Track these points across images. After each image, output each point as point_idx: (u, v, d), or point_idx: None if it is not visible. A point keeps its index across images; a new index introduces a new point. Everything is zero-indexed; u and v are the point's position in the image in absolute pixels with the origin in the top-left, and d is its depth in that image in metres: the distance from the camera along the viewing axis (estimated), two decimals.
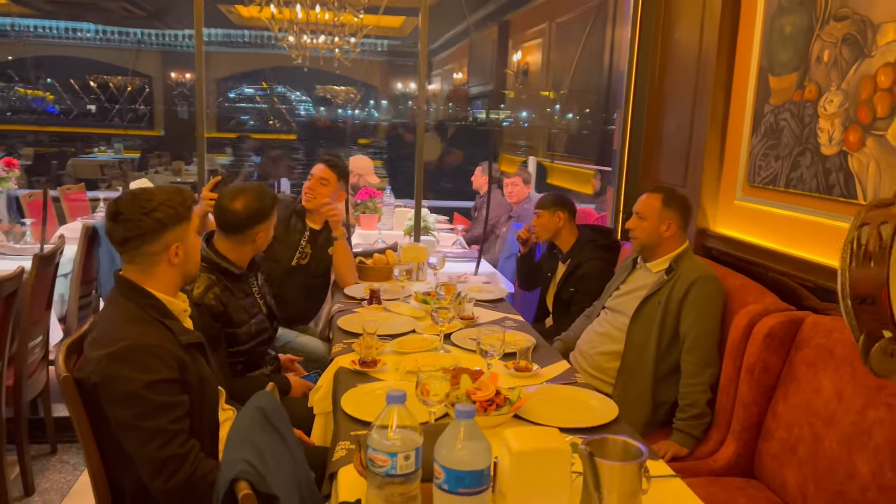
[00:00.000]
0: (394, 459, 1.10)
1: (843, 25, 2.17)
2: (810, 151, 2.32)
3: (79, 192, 5.66)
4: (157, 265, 1.67)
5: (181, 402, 1.55)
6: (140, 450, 1.49)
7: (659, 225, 2.50)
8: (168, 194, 1.69)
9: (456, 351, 2.30)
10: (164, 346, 1.56)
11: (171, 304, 1.69)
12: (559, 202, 3.25)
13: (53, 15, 10.27)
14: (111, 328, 1.57)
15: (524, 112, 7.63)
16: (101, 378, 1.49)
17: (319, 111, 12.70)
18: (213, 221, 2.40)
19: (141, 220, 1.62)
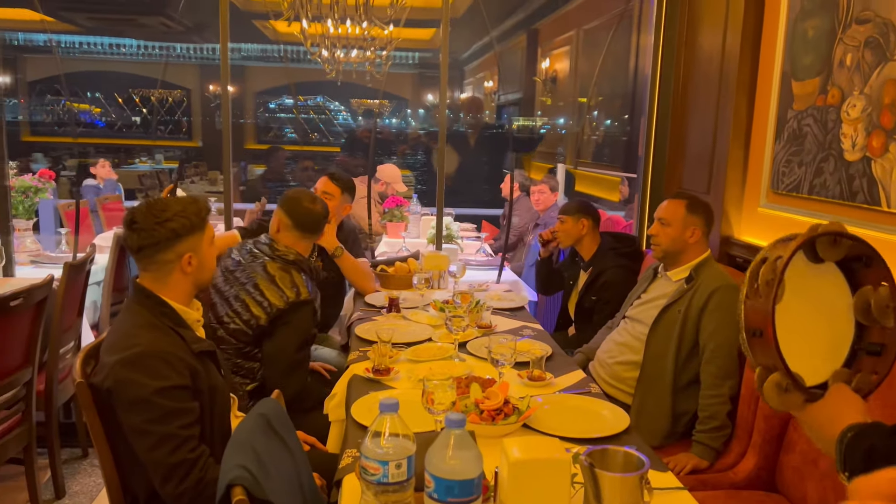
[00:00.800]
0: (385, 468, 1.11)
1: (865, 29, 2.12)
2: (833, 157, 2.27)
3: (115, 201, 5.82)
4: (170, 274, 1.71)
5: (191, 408, 1.58)
6: (150, 454, 1.53)
7: (683, 231, 2.46)
8: (183, 205, 1.73)
9: (470, 360, 2.30)
10: (176, 353, 1.60)
11: (185, 313, 1.73)
12: (583, 209, 3.24)
13: (97, 32, 10.62)
14: (125, 334, 1.62)
15: (557, 119, 7.60)
16: (114, 383, 1.53)
17: (358, 121, 12.85)
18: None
19: (155, 230, 1.66)
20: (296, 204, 2.51)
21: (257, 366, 2.42)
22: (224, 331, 2.38)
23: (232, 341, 2.38)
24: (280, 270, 2.41)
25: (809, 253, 1.22)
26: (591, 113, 5.94)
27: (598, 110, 5.92)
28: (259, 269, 2.42)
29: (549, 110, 7.60)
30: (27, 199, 3.86)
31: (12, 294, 2.37)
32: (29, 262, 3.71)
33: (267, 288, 2.37)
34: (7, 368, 2.45)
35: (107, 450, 1.61)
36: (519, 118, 8.27)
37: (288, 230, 2.51)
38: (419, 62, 11.23)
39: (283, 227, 2.51)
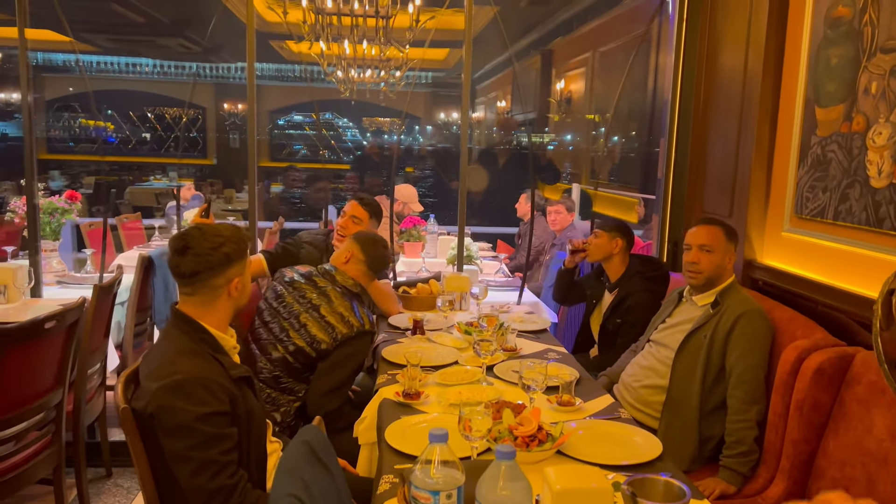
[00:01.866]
0: (436, 498, 1.13)
1: (890, 58, 2.15)
2: (859, 184, 2.29)
3: (135, 220, 5.89)
4: (217, 298, 1.75)
5: (231, 434, 1.61)
6: (191, 480, 1.55)
7: (724, 257, 2.49)
8: (231, 231, 1.80)
9: (498, 383, 2.31)
10: (216, 379, 1.62)
11: (223, 340, 1.76)
12: (621, 229, 3.25)
13: (114, 52, 10.79)
14: (166, 360, 1.64)
15: (568, 137, 7.65)
16: (156, 409, 1.56)
17: (367, 138, 12.95)
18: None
19: (210, 255, 1.72)
20: (373, 245, 2.71)
21: (305, 387, 2.50)
22: (284, 350, 2.46)
23: (289, 360, 2.46)
24: (343, 299, 2.53)
25: None
26: (609, 133, 5.99)
27: (614, 131, 5.96)
28: (322, 296, 2.54)
29: (563, 130, 7.66)
30: (54, 220, 3.92)
31: (46, 317, 2.41)
32: (55, 283, 3.76)
33: (330, 314, 2.48)
34: (40, 390, 2.48)
35: (149, 474, 1.63)
36: (542, 136, 8.32)
37: (358, 264, 2.67)
38: (433, 81, 11.34)
39: (354, 261, 2.67)
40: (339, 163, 12.58)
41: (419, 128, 12.96)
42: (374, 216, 3.16)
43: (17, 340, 2.30)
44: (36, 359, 2.43)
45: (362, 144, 12.96)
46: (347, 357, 2.45)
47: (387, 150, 12.39)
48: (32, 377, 2.44)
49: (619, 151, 5.83)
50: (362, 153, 12.51)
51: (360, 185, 9.68)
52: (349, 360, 2.45)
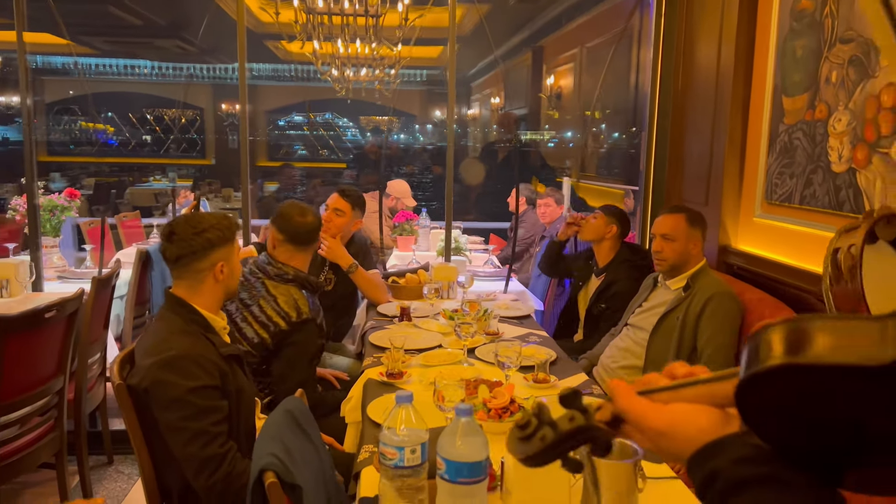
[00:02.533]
0: (402, 453, 1.23)
1: (848, 48, 2.25)
2: (822, 169, 2.39)
3: (134, 219, 6.00)
4: (203, 282, 1.86)
5: (221, 406, 1.72)
6: (184, 449, 1.66)
7: (687, 244, 2.59)
8: (217, 218, 1.91)
9: (479, 364, 2.42)
10: (207, 356, 1.74)
11: (213, 321, 1.87)
12: (619, 217, 3.31)
13: (112, 54, 10.90)
14: (160, 339, 1.76)
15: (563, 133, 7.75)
16: (151, 383, 1.67)
17: (367, 137, 13.04)
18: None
19: (192, 240, 1.83)
20: (287, 219, 2.54)
21: (270, 379, 2.49)
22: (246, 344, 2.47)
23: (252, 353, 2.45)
24: (280, 289, 2.47)
25: (869, 235, 1.36)
26: (594, 127, 6.09)
27: (600, 125, 6.06)
28: (261, 288, 2.49)
29: (554, 125, 7.76)
30: (54, 218, 4.03)
31: (46, 306, 2.52)
32: (56, 278, 3.87)
33: (269, 307, 2.43)
34: (42, 377, 2.59)
35: (143, 446, 1.74)
36: (526, 132, 8.42)
37: (282, 245, 2.54)
38: (427, 79, 11.44)
39: (277, 243, 2.55)
40: (338, 162, 12.68)
41: (419, 126, 13.06)
42: (357, 207, 3.22)
43: (19, 329, 2.41)
44: (37, 347, 2.54)
45: (361, 144, 13.06)
46: (293, 355, 2.40)
47: (388, 149, 12.50)
48: (34, 364, 2.55)
49: (607, 145, 5.94)
50: (360, 152, 12.62)
51: (356, 183, 9.78)
52: (296, 356, 2.40)
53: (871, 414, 0.48)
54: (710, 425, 0.62)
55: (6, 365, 2.37)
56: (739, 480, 0.56)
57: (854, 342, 0.46)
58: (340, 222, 3.16)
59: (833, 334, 0.47)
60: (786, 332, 0.49)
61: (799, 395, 0.49)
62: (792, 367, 0.47)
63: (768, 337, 0.50)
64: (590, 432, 0.69)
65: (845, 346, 0.46)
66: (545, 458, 0.70)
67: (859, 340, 0.46)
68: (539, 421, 0.70)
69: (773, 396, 0.51)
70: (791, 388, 0.49)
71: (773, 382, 0.49)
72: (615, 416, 0.70)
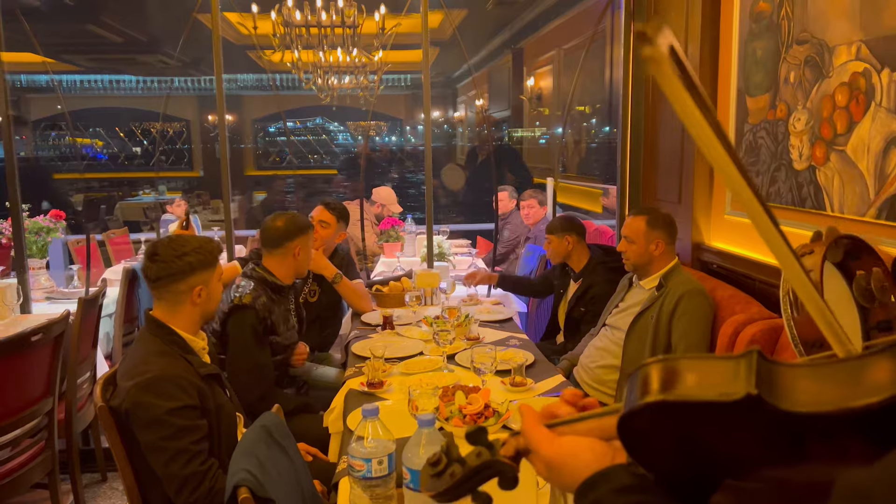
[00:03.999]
0: (369, 464, 1.29)
1: (804, 49, 2.31)
2: (784, 167, 2.45)
3: (122, 235, 6.03)
4: (181, 303, 1.90)
5: (200, 425, 1.77)
6: (166, 468, 1.71)
7: (647, 245, 2.64)
8: (200, 242, 1.96)
9: (459, 370, 2.47)
10: (185, 376, 1.78)
11: (192, 342, 1.92)
12: (567, 226, 3.37)
13: (97, 70, 10.93)
14: (139, 361, 1.80)
15: (545, 135, 7.82)
16: (131, 405, 1.72)
17: (358, 140, 13.08)
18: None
19: (173, 262, 1.88)
20: (262, 228, 2.75)
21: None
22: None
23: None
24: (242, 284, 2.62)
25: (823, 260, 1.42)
26: (571, 129, 6.15)
27: (579, 125, 6.13)
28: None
29: (552, 124, 7.83)
30: (40, 239, 4.07)
31: (33, 330, 2.56)
32: (44, 299, 3.91)
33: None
34: (30, 399, 2.63)
35: (127, 466, 1.79)
36: (517, 130, 8.49)
37: (265, 254, 2.74)
38: (412, 83, 11.50)
39: (263, 253, 2.75)
40: (329, 168, 12.71)
41: (409, 128, 13.10)
42: (342, 219, 3.29)
43: (5, 353, 2.45)
44: (25, 370, 2.58)
45: (352, 148, 13.09)
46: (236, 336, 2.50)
47: (378, 152, 12.55)
48: (22, 387, 2.59)
49: (585, 145, 6.00)
50: (348, 157, 12.65)
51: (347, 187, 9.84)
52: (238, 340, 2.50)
53: (729, 442, 0.53)
54: (594, 459, 0.66)
55: None
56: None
57: (714, 380, 0.51)
58: (325, 234, 3.22)
59: (697, 373, 0.52)
60: (660, 371, 0.54)
61: (671, 427, 0.55)
62: (664, 403, 0.52)
63: (644, 374, 0.55)
64: (496, 466, 0.72)
65: (707, 384, 0.51)
66: (456, 493, 0.72)
67: (718, 378, 0.51)
68: (448, 458, 0.73)
69: (649, 428, 0.56)
70: (664, 421, 0.54)
71: (649, 416, 0.54)
72: (518, 451, 0.73)
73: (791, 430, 0.50)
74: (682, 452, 0.57)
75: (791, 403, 0.49)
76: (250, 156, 12.88)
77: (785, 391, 0.50)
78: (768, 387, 0.50)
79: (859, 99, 2.04)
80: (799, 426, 0.49)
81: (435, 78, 11.01)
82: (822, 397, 0.48)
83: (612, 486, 0.62)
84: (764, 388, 0.49)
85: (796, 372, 0.50)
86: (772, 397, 0.49)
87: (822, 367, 0.50)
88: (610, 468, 0.64)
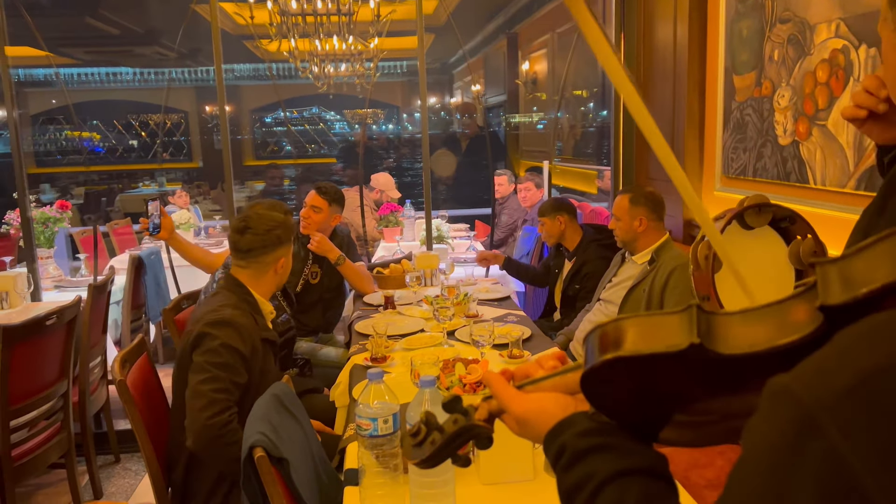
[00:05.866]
0: (375, 423, 1.38)
1: (787, 27, 2.39)
2: (770, 143, 2.53)
3: (125, 226, 6.12)
4: (265, 273, 2.13)
5: (242, 373, 1.91)
6: (200, 385, 1.84)
7: (631, 222, 2.74)
8: (284, 218, 2.18)
9: (458, 345, 2.57)
10: (249, 330, 1.95)
11: (263, 305, 2.13)
12: (557, 207, 3.47)
13: (93, 63, 10.96)
14: (217, 306, 1.98)
15: (543, 118, 7.88)
16: (197, 334, 1.89)
17: (355, 129, 13.12)
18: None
19: (266, 235, 2.09)
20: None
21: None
22: None
23: None
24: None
25: (742, 223, 1.52)
26: (568, 112, 6.21)
27: (575, 108, 6.19)
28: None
29: (548, 108, 7.88)
30: (47, 230, 4.16)
31: (46, 314, 2.65)
32: (53, 288, 4.00)
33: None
34: (46, 382, 2.73)
35: (146, 438, 1.89)
36: (514, 116, 8.54)
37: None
38: (408, 70, 11.53)
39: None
40: (327, 157, 12.74)
41: (406, 116, 13.13)
42: (335, 202, 3.30)
43: (22, 337, 2.55)
44: (40, 353, 2.68)
45: (349, 137, 13.12)
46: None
47: (375, 140, 12.60)
48: (39, 370, 2.69)
49: (581, 127, 6.07)
50: (346, 145, 12.69)
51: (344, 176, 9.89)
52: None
53: (678, 385, 0.62)
54: (560, 410, 0.73)
55: (12, 372, 2.51)
56: (581, 450, 0.67)
57: (661, 334, 0.58)
58: (319, 218, 3.26)
59: (647, 329, 0.60)
60: (615, 330, 0.62)
61: (628, 379, 0.62)
62: (620, 358, 0.60)
63: (601, 334, 0.63)
64: (472, 430, 0.77)
65: (656, 338, 0.58)
66: (437, 458, 0.79)
67: (665, 332, 0.58)
68: (427, 427, 0.79)
69: (608, 381, 0.63)
70: (621, 373, 0.61)
71: (607, 371, 0.61)
72: (491, 413, 0.79)
73: (730, 370, 0.57)
74: (638, 399, 0.65)
75: (728, 347, 0.56)
76: (249, 146, 12.93)
77: (722, 338, 0.56)
78: (708, 335, 0.56)
79: (839, 75, 2.12)
80: (737, 365, 0.56)
81: (431, 64, 11.05)
82: (754, 339, 0.55)
83: (575, 430, 0.69)
84: (705, 337, 0.56)
85: (730, 320, 0.57)
86: (712, 344, 0.56)
87: (751, 313, 0.57)
88: (573, 415, 0.71)
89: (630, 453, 0.65)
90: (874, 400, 0.39)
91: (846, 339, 0.44)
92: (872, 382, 0.40)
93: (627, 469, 0.64)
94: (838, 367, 0.42)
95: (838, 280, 0.48)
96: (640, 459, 0.65)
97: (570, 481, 0.66)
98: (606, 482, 0.63)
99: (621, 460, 0.64)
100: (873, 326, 0.43)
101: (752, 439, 0.46)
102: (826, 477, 0.40)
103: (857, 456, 0.39)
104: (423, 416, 0.81)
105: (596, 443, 0.67)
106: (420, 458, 0.79)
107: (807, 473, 0.41)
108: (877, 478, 0.38)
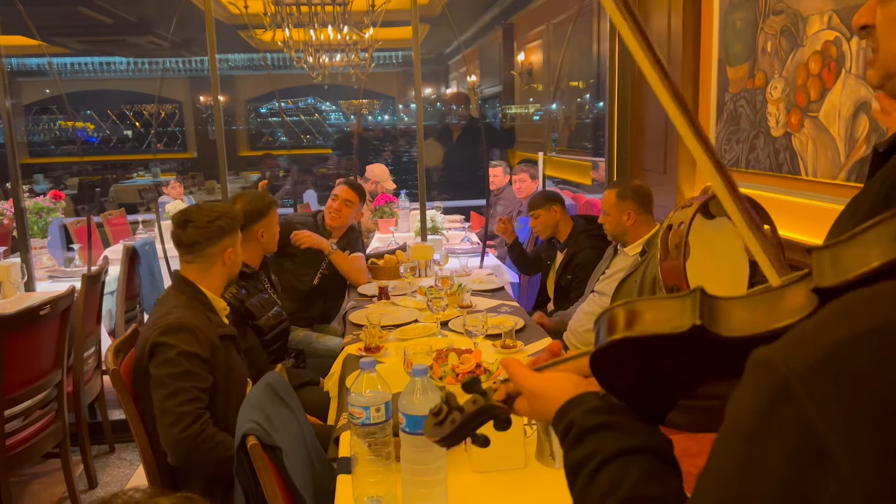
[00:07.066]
0: (367, 412, 1.39)
1: (780, 19, 2.40)
2: (763, 134, 2.54)
3: (120, 216, 6.10)
4: (212, 266, 2.08)
5: (205, 377, 1.89)
6: (164, 402, 1.83)
7: (620, 216, 2.76)
8: (226, 208, 2.14)
9: (451, 335, 2.58)
10: (203, 330, 1.92)
11: (215, 302, 2.09)
12: (550, 198, 3.50)
13: (87, 53, 10.89)
14: (165, 312, 1.95)
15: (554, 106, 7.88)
16: (152, 345, 1.86)
17: (350, 120, 13.09)
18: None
19: (207, 227, 2.04)
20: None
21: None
22: None
23: None
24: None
25: (705, 213, 1.53)
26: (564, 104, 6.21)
27: (571, 100, 6.19)
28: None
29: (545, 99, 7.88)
30: (41, 220, 4.14)
31: (40, 304, 2.65)
32: (47, 278, 3.99)
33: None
34: (40, 371, 2.74)
35: (140, 426, 1.90)
36: (511, 107, 8.54)
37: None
38: (403, 60, 11.50)
39: None
40: (322, 147, 12.72)
41: (402, 107, 13.10)
42: (362, 198, 3.45)
43: (16, 327, 2.55)
44: (35, 343, 2.68)
45: (345, 127, 13.09)
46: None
47: (371, 131, 12.57)
48: (33, 360, 2.69)
49: (575, 118, 6.07)
50: (341, 136, 12.67)
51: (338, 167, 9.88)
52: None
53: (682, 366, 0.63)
54: (572, 387, 0.75)
55: (6, 361, 2.52)
56: (588, 427, 0.68)
57: (666, 316, 0.60)
58: (349, 212, 3.35)
59: (653, 311, 0.62)
60: (623, 313, 0.64)
61: (635, 359, 0.65)
62: (628, 339, 0.62)
63: (610, 316, 0.65)
64: (491, 411, 0.81)
65: (661, 320, 0.61)
66: (457, 437, 0.82)
67: (669, 314, 0.60)
68: (448, 407, 0.82)
69: (617, 361, 0.66)
70: (629, 353, 0.64)
71: (616, 351, 0.63)
72: (509, 394, 0.82)
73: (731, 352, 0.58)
74: (644, 380, 0.67)
75: (729, 330, 0.58)
76: (244, 136, 12.89)
77: (724, 320, 0.59)
78: (710, 318, 0.59)
79: (831, 66, 2.13)
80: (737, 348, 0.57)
81: (426, 55, 11.01)
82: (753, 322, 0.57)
83: (583, 407, 0.71)
84: (707, 320, 0.58)
85: (732, 304, 0.59)
86: (713, 326, 0.58)
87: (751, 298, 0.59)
88: (583, 394, 0.74)
89: (634, 433, 0.67)
90: (843, 368, 0.42)
91: (826, 312, 0.46)
92: (841, 353, 0.42)
93: (631, 448, 0.66)
94: (813, 339, 0.44)
95: (830, 264, 0.50)
96: (644, 439, 0.67)
97: (576, 457, 0.68)
98: (609, 459, 0.65)
99: (625, 439, 0.66)
100: (851, 301, 0.45)
101: (732, 408, 0.48)
102: (796, 441, 0.42)
103: (825, 422, 0.41)
104: (443, 395, 0.83)
105: (602, 420, 0.69)
106: (440, 436, 0.82)
107: (779, 438, 0.43)
108: (844, 442, 0.40)
